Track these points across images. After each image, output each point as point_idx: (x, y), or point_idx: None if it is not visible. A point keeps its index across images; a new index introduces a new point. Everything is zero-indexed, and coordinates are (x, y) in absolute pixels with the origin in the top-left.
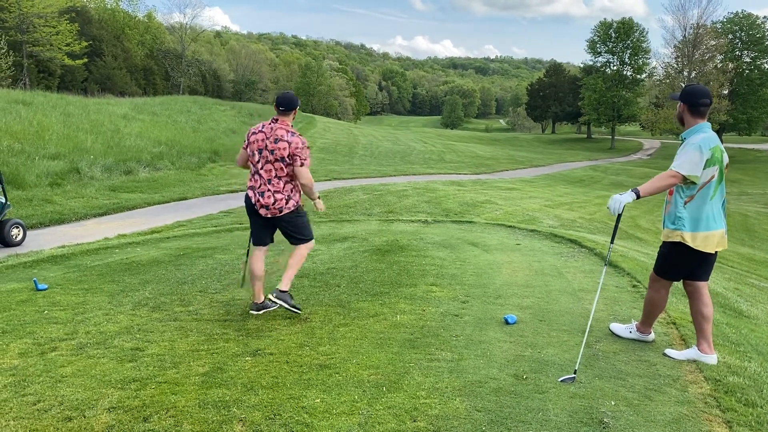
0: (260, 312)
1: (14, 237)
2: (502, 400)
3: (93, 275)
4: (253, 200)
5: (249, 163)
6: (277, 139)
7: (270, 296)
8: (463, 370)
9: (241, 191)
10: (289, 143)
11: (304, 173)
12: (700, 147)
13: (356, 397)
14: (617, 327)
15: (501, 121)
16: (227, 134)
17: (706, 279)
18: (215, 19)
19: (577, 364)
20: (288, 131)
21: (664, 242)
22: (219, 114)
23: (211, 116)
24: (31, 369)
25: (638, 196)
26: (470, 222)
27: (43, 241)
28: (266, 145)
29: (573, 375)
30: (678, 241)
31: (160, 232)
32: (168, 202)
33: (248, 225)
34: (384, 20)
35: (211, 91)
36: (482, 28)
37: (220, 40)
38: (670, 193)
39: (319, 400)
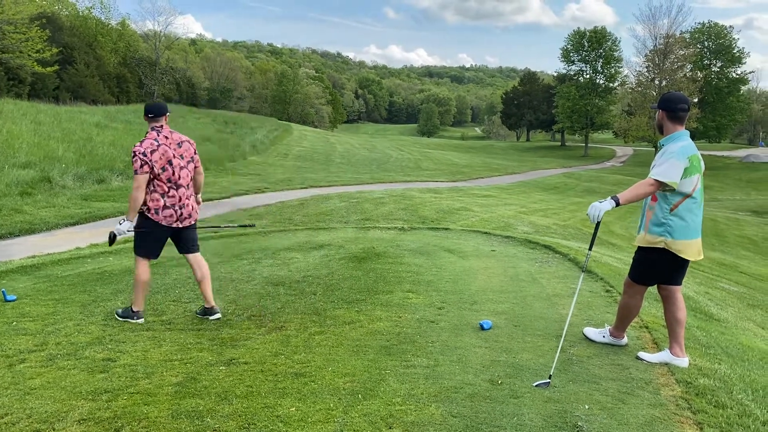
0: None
1: None
2: (478, 406)
3: (64, 285)
4: (174, 217)
5: (154, 182)
6: (180, 142)
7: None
8: (438, 376)
9: (215, 200)
10: (190, 142)
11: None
12: (678, 156)
13: (332, 404)
14: (591, 331)
15: (476, 129)
16: (201, 142)
17: (680, 283)
18: (189, 26)
19: (552, 368)
20: (178, 133)
21: (641, 248)
22: (193, 122)
23: (185, 124)
24: None
25: (618, 204)
26: (446, 229)
27: (12, 251)
28: (173, 154)
29: (548, 380)
30: (661, 247)
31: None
32: None
33: (222, 234)
34: (358, 29)
35: (185, 99)
36: (455, 37)
37: (195, 47)
38: (654, 200)
39: (294, 409)
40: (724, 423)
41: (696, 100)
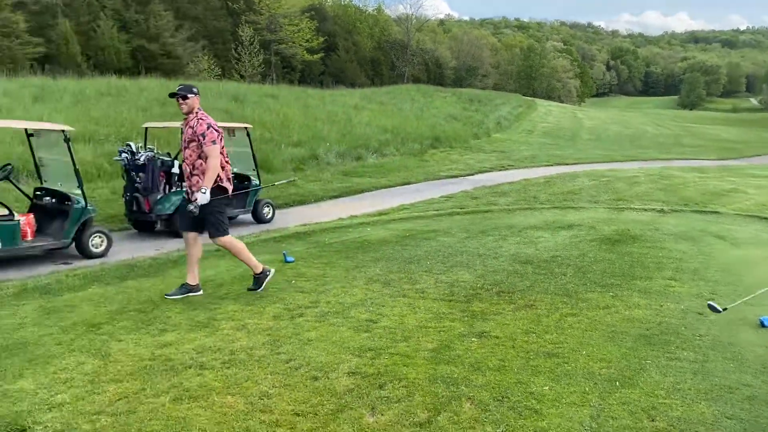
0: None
1: (266, 215)
2: (758, 410)
3: (330, 251)
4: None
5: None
6: None
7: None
8: (708, 373)
9: (459, 176)
10: None
11: None
12: None
13: (587, 388)
14: None
15: (752, 100)
16: (448, 121)
17: None
18: (438, 7)
19: None
20: None
21: None
22: (440, 101)
23: (432, 103)
24: (283, 331)
25: None
26: (715, 212)
27: (288, 219)
28: None
29: None
30: None
31: (386, 214)
32: (393, 186)
33: (468, 210)
34: None
35: (433, 78)
36: None
37: (443, 27)
38: None
39: (547, 388)
40: None
41: None
